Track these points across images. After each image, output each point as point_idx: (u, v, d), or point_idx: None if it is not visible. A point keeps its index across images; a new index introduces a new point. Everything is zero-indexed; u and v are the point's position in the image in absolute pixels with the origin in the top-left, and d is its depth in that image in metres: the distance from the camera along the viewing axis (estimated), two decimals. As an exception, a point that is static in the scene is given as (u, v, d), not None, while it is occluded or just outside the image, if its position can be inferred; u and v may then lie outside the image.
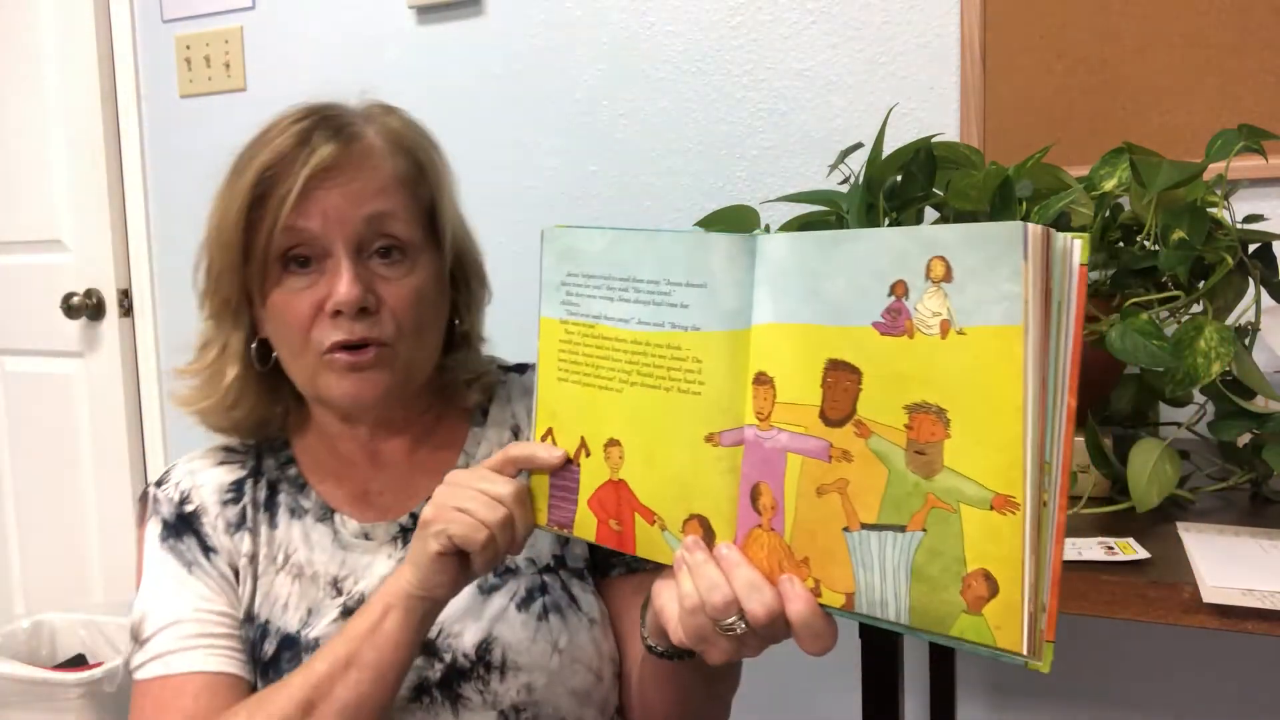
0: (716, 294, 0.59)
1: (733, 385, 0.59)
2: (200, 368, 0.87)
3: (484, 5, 1.61)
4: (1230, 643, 1.23)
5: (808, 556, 0.56)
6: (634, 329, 0.63)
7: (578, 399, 0.66)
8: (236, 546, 0.84)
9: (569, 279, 0.66)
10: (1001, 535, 0.49)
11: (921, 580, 0.51)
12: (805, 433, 0.55)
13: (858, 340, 0.53)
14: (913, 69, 1.35)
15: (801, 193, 1.05)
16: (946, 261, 0.49)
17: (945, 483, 0.50)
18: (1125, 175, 0.90)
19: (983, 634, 0.49)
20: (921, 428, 0.51)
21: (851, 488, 0.54)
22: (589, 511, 0.66)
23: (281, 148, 0.79)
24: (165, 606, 0.81)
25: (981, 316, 0.48)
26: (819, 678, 1.43)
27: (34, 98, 2.04)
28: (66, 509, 2.13)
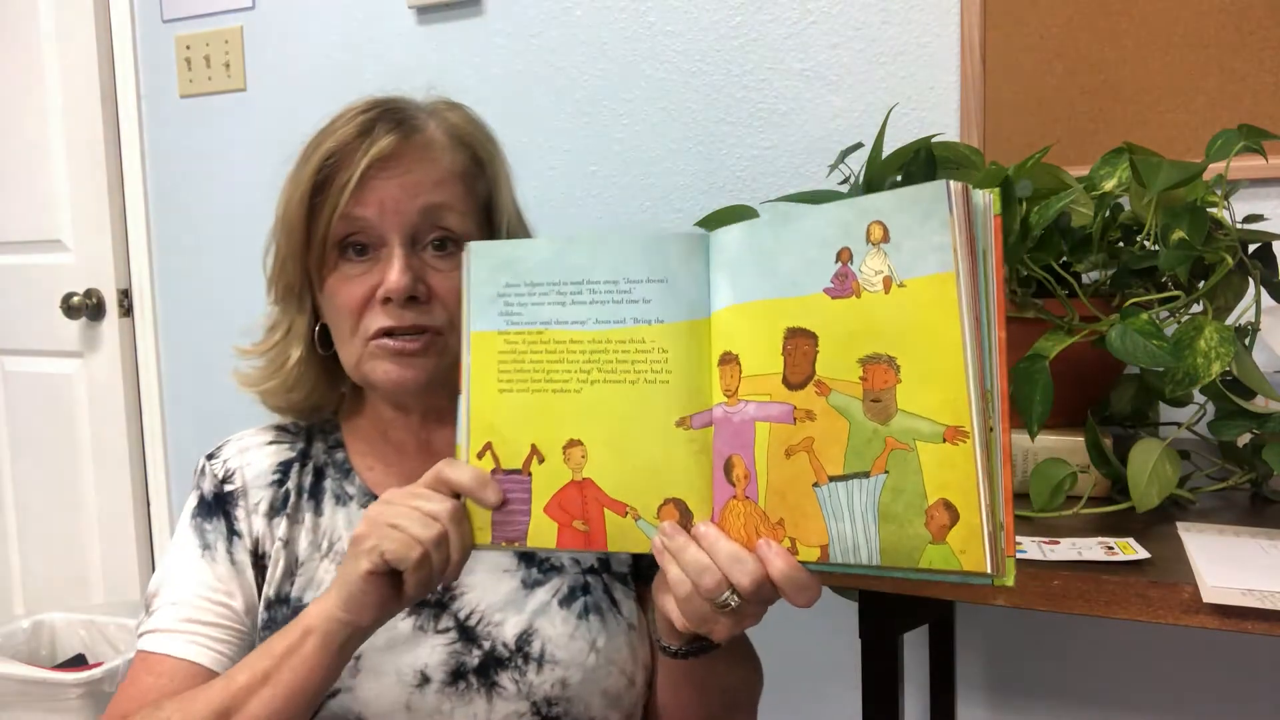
0: (677, 287, 0.64)
1: (699, 370, 0.63)
2: (264, 349, 0.90)
3: (484, 5, 1.61)
4: (1230, 643, 1.23)
5: (782, 518, 0.60)
6: (592, 329, 0.65)
7: (526, 407, 0.66)
8: (271, 531, 0.85)
9: (507, 290, 0.67)
10: (956, 463, 0.53)
11: (889, 520, 0.55)
12: (770, 400, 0.60)
13: (811, 306, 0.58)
14: (913, 69, 1.35)
15: (801, 193, 1.05)
16: (883, 224, 0.55)
17: (901, 424, 0.55)
18: (1125, 175, 0.90)
19: (949, 560, 0.53)
20: (875, 377, 0.56)
21: (817, 444, 0.58)
22: (546, 519, 0.66)
23: (344, 136, 0.82)
24: (174, 584, 0.84)
25: (918, 268, 0.54)
26: (819, 678, 1.43)
27: (34, 97, 2.04)
28: (66, 509, 2.13)
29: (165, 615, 0.82)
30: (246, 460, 0.88)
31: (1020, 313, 0.87)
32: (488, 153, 0.88)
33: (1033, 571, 0.72)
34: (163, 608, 0.83)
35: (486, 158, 0.88)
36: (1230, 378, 0.86)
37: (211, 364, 1.95)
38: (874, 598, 0.81)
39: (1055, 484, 0.84)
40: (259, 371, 0.90)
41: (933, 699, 1.31)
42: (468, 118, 0.89)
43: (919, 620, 0.88)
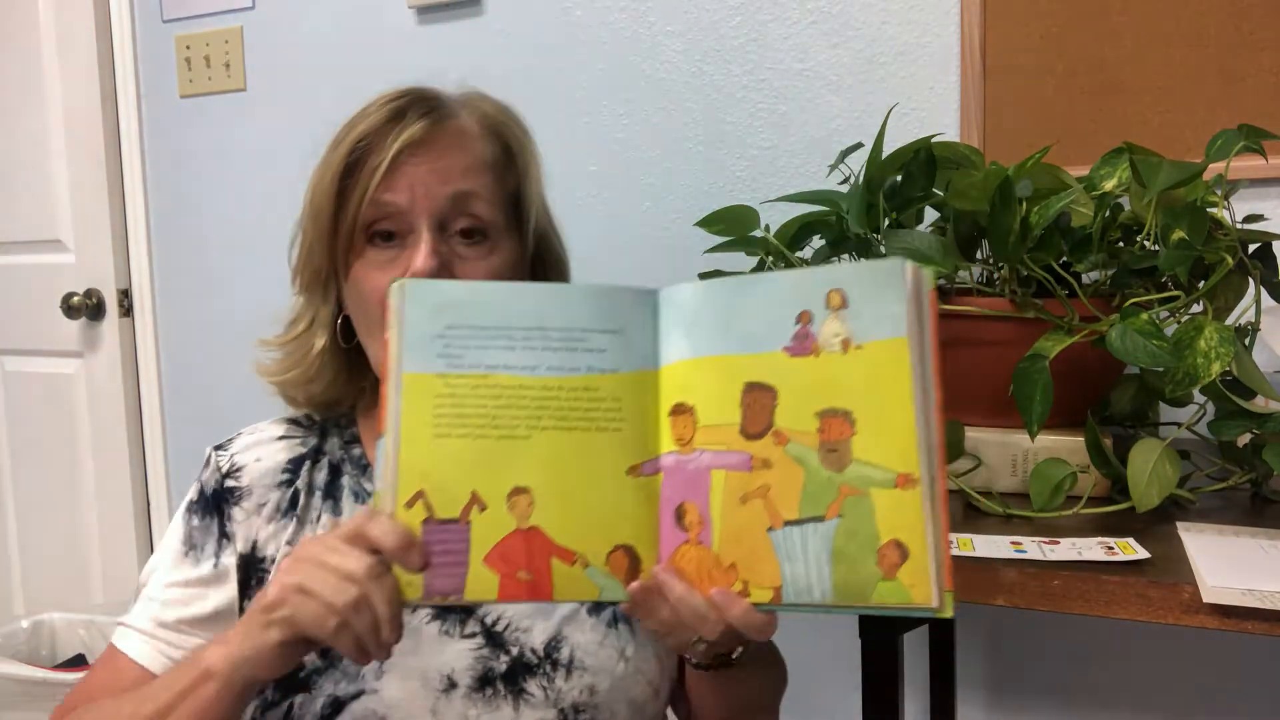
0: (630, 339, 0.65)
1: (649, 419, 0.65)
2: (287, 340, 0.89)
3: (484, 5, 1.61)
4: (1230, 643, 1.23)
5: (735, 562, 0.62)
6: (543, 375, 0.65)
7: (466, 453, 0.63)
8: (276, 534, 0.84)
9: (448, 331, 0.65)
10: (906, 507, 0.58)
11: (842, 560, 0.59)
12: (727, 449, 0.63)
13: (771, 364, 0.62)
14: (913, 69, 1.35)
15: (801, 193, 1.05)
16: (843, 292, 0.61)
17: (855, 472, 0.60)
18: (1125, 175, 0.90)
19: (900, 594, 0.58)
20: (832, 429, 0.61)
21: (773, 491, 0.61)
22: (486, 569, 0.63)
23: (376, 121, 0.81)
24: (156, 580, 0.84)
25: (875, 333, 0.60)
26: (819, 678, 1.43)
27: (34, 98, 2.04)
28: (66, 509, 2.13)
29: (140, 613, 0.83)
30: (254, 456, 0.87)
31: (1020, 313, 0.87)
32: (519, 143, 0.87)
33: (1033, 571, 0.72)
34: (141, 603, 0.84)
35: (518, 148, 0.87)
36: (1230, 378, 0.86)
37: (211, 364, 1.95)
38: (874, 598, 0.81)
39: (1055, 484, 0.84)
40: (279, 363, 0.89)
41: (933, 699, 1.31)
42: (500, 108, 0.88)
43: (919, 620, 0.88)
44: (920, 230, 0.93)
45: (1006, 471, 0.92)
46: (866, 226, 0.93)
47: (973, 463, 0.92)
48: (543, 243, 0.89)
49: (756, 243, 1.08)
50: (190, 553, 0.84)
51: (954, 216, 0.94)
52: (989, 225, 0.86)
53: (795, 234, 1.05)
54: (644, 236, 1.52)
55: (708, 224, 1.10)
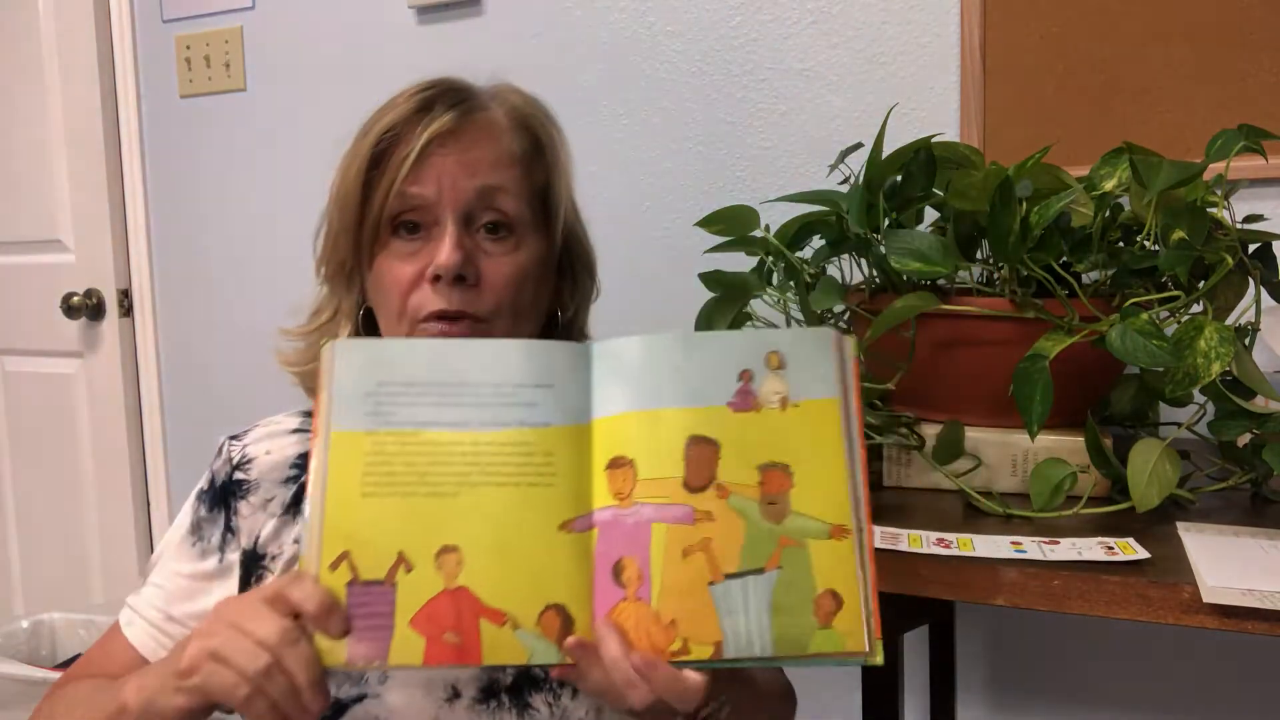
0: (563, 393, 0.65)
1: (581, 474, 0.64)
2: (310, 330, 0.88)
3: (484, 5, 1.61)
4: (1230, 643, 1.23)
5: (675, 618, 0.61)
6: (474, 430, 0.64)
7: (394, 512, 0.62)
8: (280, 530, 0.83)
9: (379, 389, 0.64)
10: (840, 557, 0.61)
11: (780, 612, 0.61)
12: (669, 502, 0.63)
13: (714, 418, 0.64)
14: (913, 69, 1.35)
15: (801, 193, 1.05)
16: (781, 354, 0.64)
17: (793, 524, 0.62)
18: (1125, 175, 0.90)
19: (835, 643, 0.60)
20: (772, 482, 0.63)
21: (714, 544, 0.62)
22: (412, 632, 0.60)
23: (404, 112, 0.80)
24: (165, 565, 0.85)
25: (810, 393, 0.64)
26: (819, 678, 1.43)
27: (34, 98, 2.04)
28: (66, 509, 2.13)
29: (146, 599, 0.84)
30: (265, 449, 0.85)
31: (1020, 313, 0.87)
32: (549, 137, 0.86)
33: (1033, 571, 0.72)
34: (149, 588, 0.84)
35: (547, 142, 0.86)
36: (1230, 378, 0.86)
37: (211, 364, 1.95)
38: (874, 598, 0.81)
39: (1055, 484, 0.84)
40: (301, 353, 0.88)
41: (933, 699, 1.31)
42: (530, 100, 0.87)
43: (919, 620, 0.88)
44: (920, 230, 0.93)
45: (1006, 471, 0.92)
46: (866, 226, 0.93)
47: (973, 463, 0.92)
48: (571, 240, 0.88)
49: (756, 243, 1.08)
50: (197, 543, 0.84)
51: (954, 216, 0.94)
52: (989, 225, 0.86)
53: (795, 234, 1.05)
54: (644, 236, 1.52)
55: (708, 224, 1.10)
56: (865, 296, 0.98)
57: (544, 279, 0.85)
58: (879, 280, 0.98)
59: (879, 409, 0.99)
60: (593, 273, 0.92)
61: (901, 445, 0.95)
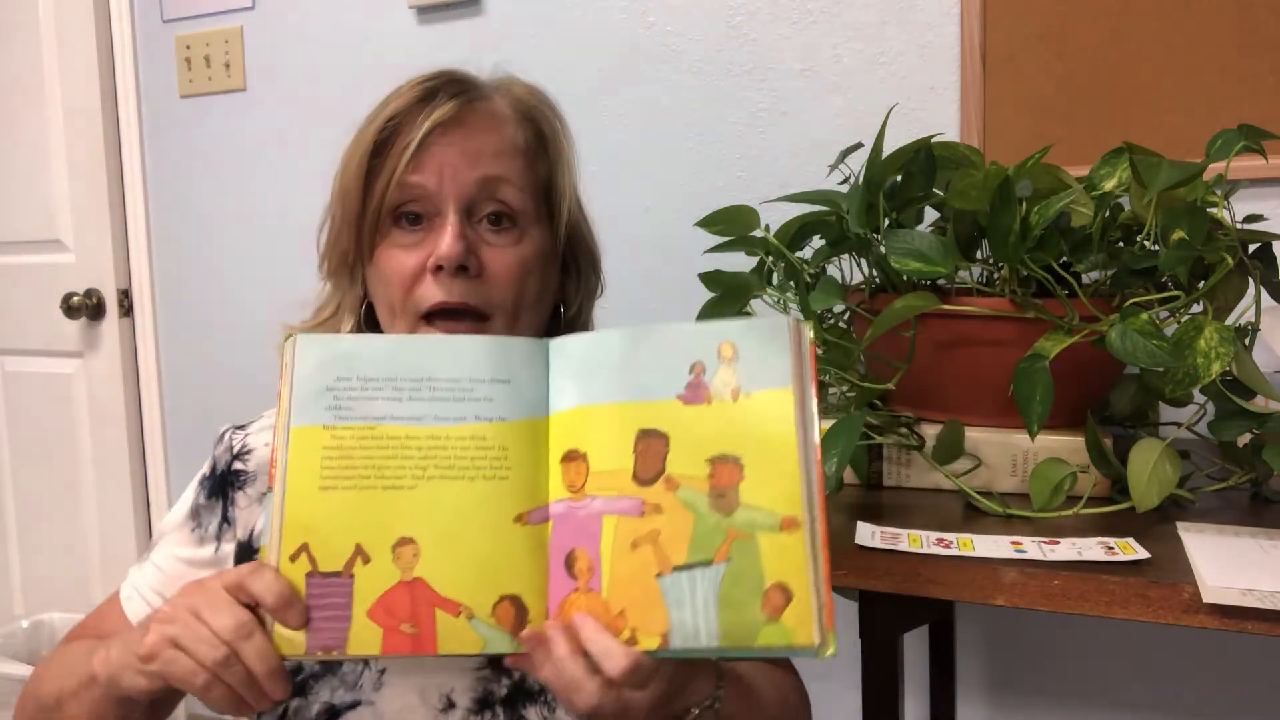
0: (519, 387, 0.66)
1: (537, 467, 0.65)
2: (312, 326, 0.88)
3: (484, 5, 1.61)
4: (1230, 643, 1.23)
5: (624, 608, 0.61)
6: (430, 425, 0.65)
7: (351, 505, 0.64)
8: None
9: (338, 383, 0.66)
10: (790, 549, 0.60)
11: (728, 604, 0.60)
12: (619, 494, 0.63)
13: (665, 411, 0.64)
14: (913, 69, 1.35)
15: (801, 193, 1.05)
16: (734, 345, 0.64)
17: (743, 516, 0.61)
18: (1125, 175, 0.90)
19: (784, 636, 0.59)
20: (721, 474, 0.62)
21: (663, 536, 0.62)
22: (369, 623, 0.62)
23: (407, 101, 0.80)
24: (166, 545, 0.86)
25: (762, 383, 0.63)
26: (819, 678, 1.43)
27: (34, 98, 2.04)
28: (66, 509, 2.13)
29: (146, 576, 0.85)
30: (264, 440, 0.85)
31: (1020, 313, 0.87)
32: (552, 129, 0.86)
33: (1033, 571, 0.72)
34: (149, 566, 0.85)
35: (551, 134, 0.85)
36: (1230, 378, 0.86)
37: (211, 364, 1.95)
38: (874, 598, 0.81)
39: (1055, 484, 0.84)
40: None
41: (933, 699, 1.31)
42: (534, 92, 0.86)
43: (919, 620, 0.88)
44: (920, 230, 0.93)
45: (1006, 471, 0.92)
46: (866, 226, 0.93)
47: (973, 463, 0.92)
48: (575, 234, 0.87)
49: (756, 243, 1.08)
50: (195, 529, 0.84)
51: (954, 216, 0.94)
52: (989, 225, 0.86)
53: (795, 234, 1.05)
54: (644, 236, 1.52)
55: (708, 224, 1.10)
56: (865, 296, 0.98)
57: (547, 273, 0.84)
58: (879, 280, 0.98)
59: (879, 409, 0.99)
60: (597, 267, 0.91)
61: (901, 445, 0.95)
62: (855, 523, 0.83)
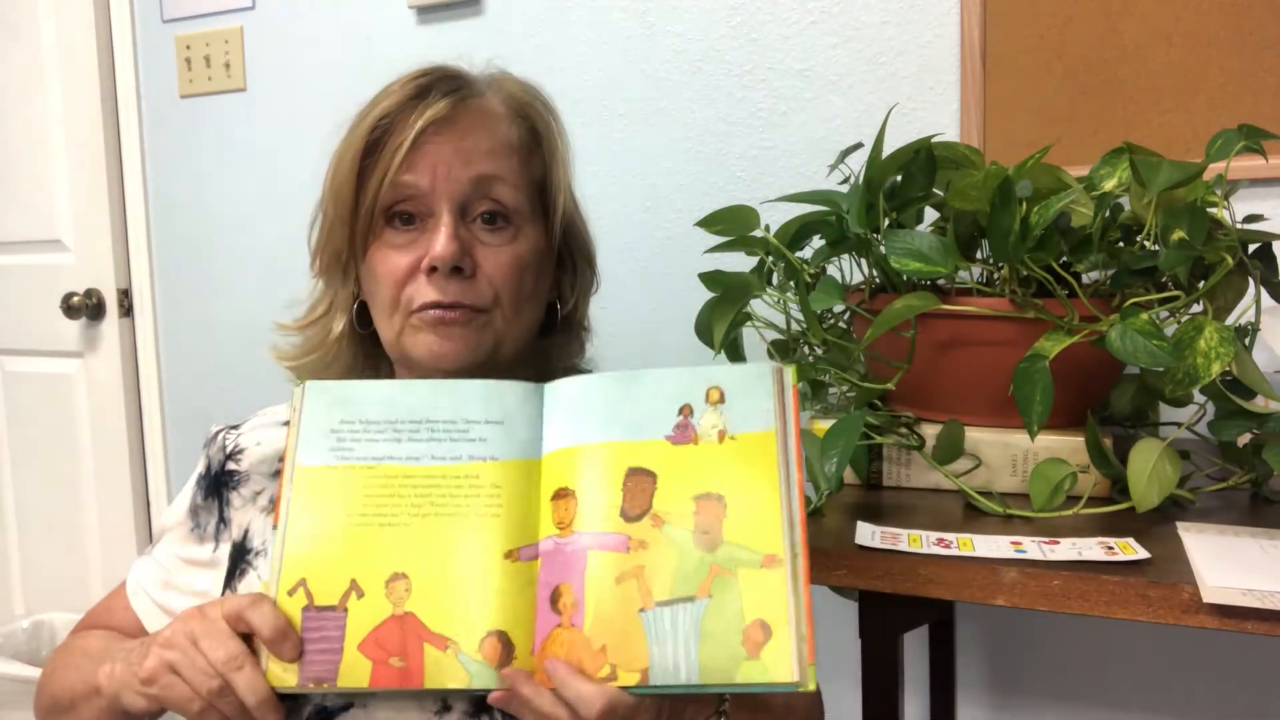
0: (513, 428, 0.69)
1: (529, 506, 0.67)
2: (305, 324, 0.88)
3: (484, 5, 1.61)
4: (1230, 643, 1.23)
5: (605, 644, 0.63)
6: (427, 464, 0.68)
7: (349, 542, 0.66)
8: (266, 525, 0.83)
9: (341, 426, 0.69)
10: (771, 586, 0.62)
11: (708, 640, 0.61)
12: (606, 530, 0.65)
13: (653, 450, 0.66)
14: (913, 69, 1.35)
15: (801, 193, 1.05)
16: (720, 389, 0.66)
17: (725, 553, 0.63)
18: (1125, 175, 0.90)
19: (763, 673, 0.60)
20: (706, 512, 0.64)
21: (647, 571, 0.63)
22: (360, 656, 0.64)
23: (399, 99, 0.80)
24: (169, 543, 0.86)
25: (747, 426, 0.65)
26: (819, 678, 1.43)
27: (34, 98, 2.04)
28: (66, 509, 2.13)
29: (149, 570, 0.86)
30: (256, 440, 0.84)
31: (1020, 313, 0.87)
32: (545, 125, 0.85)
33: (1033, 571, 0.72)
34: (152, 561, 0.86)
35: (545, 130, 0.85)
36: (1230, 378, 0.86)
37: (211, 364, 1.95)
38: (874, 598, 0.81)
39: (1055, 484, 0.84)
40: (298, 347, 0.88)
41: (933, 699, 1.31)
42: (527, 88, 0.86)
43: (919, 620, 0.88)
44: (920, 230, 0.93)
45: (1006, 471, 0.92)
46: (866, 226, 0.93)
47: (973, 463, 0.92)
48: (570, 230, 0.87)
49: (756, 243, 1.08)
50: (195, 528, 0.85)
51: (954, 216, 0.94)
52: (989, 225, 0.86)
53: (795, 234, 1.05)
54: (644, 236, 1.52)
55: (708, 224, 1.10)
56: (865, 296, 0.98)
57: (542, 270, 0.84)
58: (879, 280, 0.98)
59: (879, 409, 0.99)
60: (592, 264, 0.91)
61: (901, 445, 0.95)
62: (855, 523, 0.83)
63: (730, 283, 1.07)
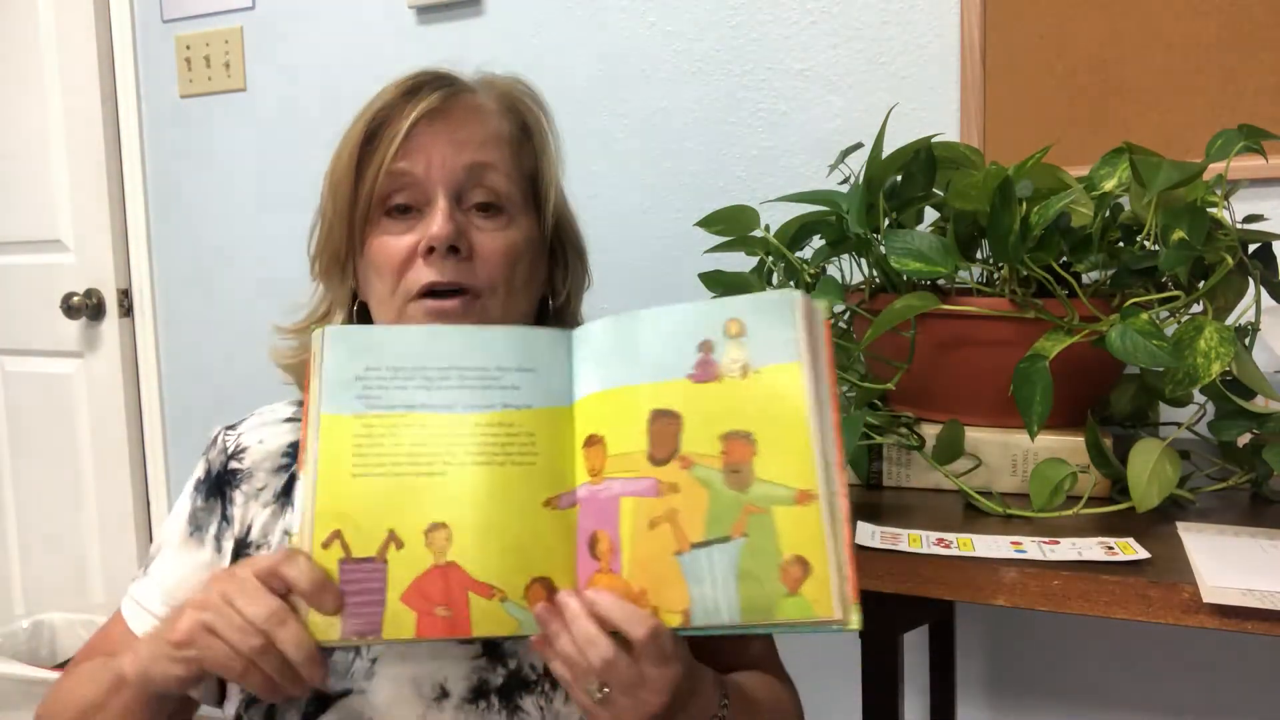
0: (545, 376, 0.68)
1: (564, 453, 0.66)
2: (303, 327, 0.89)
3: (484, 5, 1.61)
4: (1230, 643, 1.23)
5: (644, 588, 0.62)
6: (460, 412, 0.66)
7: (384, 492, 0.64)
8: (269, 520, 0.82)
9: (368, 373, 0.67)
10: (806, 522, 0.60)
11: (747, 579, 0.60)
12: (636, 475, 0.64)
13: (676, 391, 0.64)
14: (913, 69, 1.35)
15: (801, 193, 1.05)
16: (740, 321, 0.64)
17: (758, 491, 0.61)
18: (1125, 175, 0.90)
19: (804, 609, 0.59)
20: (734, 451, 0.62)
21: (680, 515, 0.62)
22: (404, 607, 0.63)
23: (393, 97, 0.81)
24: (166, 559, 0.85)
25: (770, 358, 0.63)
26: (819, 678, 1.43)
27: (34, 98, 2.04)
28: (66, 509, 2.13)
29: (149, 589, 0.84)
30: (258, 438, 0.85)
31: (1020, 313, 0.87)
32: (536, 120, 0.87)
33: (1033, 571, 0.72)
34: (151, 578, 0.84)
35: (535, 125, 0.87)
36: (1230, 378, 0.86)
37: (211, 364, 1.95)
38: (874, 597, 0.81)
39: (1055, 484, 0.84)
40: (295, 351, 0.89)
41: (933, 699, 1.31)
42: (517, 85, 0.88)
43: (919, 620, 0.88)
44: (920, 230, 0.93)
45: (1006, 471, 0.92)
46: (866, 226, 0.93)
47: (973, 463, 0.92)
48: (561, 224, 0.89)
49: (756, 243, 1.08)
50: (195, 534, 0.84)
51: (954, 216, 0.94)
52: (989, 225, 0.86)
53: (795, 234, 1.05)
54: (644, 236, 1.52)
55: (708, 224, 1.10)
56: (865, 296, 0.98)
57: (536, 259, 0.85)
58: (879, 280, 0.98)
59: (879, 409, 0.99)
60: (584, 258, 0.92)
61: (901, 445, 0.95)
62: (855, 523, 0.83)
63: (730, 283, 1.07)
